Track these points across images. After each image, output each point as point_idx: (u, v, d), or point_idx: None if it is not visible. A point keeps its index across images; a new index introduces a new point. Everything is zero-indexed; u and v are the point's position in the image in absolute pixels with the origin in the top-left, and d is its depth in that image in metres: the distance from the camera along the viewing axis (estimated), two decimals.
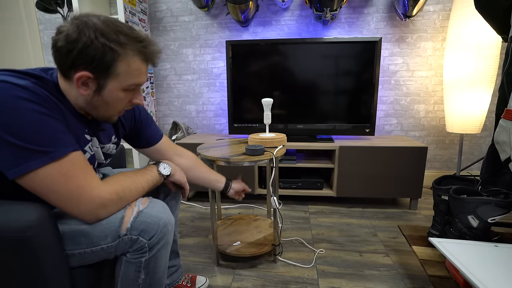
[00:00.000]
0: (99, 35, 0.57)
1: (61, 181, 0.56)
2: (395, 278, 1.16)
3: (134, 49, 0.61)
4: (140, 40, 0.62)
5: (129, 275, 0.69)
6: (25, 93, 0.54)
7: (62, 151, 0.57)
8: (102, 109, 0.66)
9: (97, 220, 0.62)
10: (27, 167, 0.54)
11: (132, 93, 0.68)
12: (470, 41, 1.67)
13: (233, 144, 1.34)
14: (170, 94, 2.33)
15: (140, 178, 0.71)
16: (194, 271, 1.23)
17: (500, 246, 0.93)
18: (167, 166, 0.81)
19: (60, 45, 0.57)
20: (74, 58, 0.57)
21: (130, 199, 0.67)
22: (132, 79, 0.64)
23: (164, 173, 0.78)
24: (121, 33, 0.59)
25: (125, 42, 0.60)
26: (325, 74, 1.84)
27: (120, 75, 0.61)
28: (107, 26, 0.58)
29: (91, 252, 0.64)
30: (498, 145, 0.95)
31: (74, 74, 0.59)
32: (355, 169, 1.77)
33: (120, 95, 0.65)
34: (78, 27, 0.57)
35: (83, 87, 0.61)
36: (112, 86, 0.62)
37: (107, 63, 0.59)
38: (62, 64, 0.59)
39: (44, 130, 0.55)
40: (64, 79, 0.62)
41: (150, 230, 0.65)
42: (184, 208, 1.88)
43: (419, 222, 1.63)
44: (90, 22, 0.57)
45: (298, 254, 1.34)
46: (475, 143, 2.12)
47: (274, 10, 2.08)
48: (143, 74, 0.66)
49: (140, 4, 2.06)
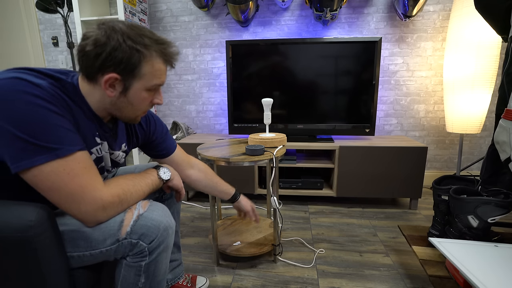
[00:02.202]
0: (126, 38, 0.60)
1: (65, 179, 0.56)
2: (395, 278, 1.16)
3: (157, 51, 0.65)
4: (162, 42, 0.66)
5: (129, 279, 0.68)
6: (37, 91, 0.55)
7: (68, 149, 0.57)
8: (126, 110, 0.69)
9: (96, 223, 0.62)
10: (31, 162, 0.54)
11: (153, 93, 0.70)
12: (470, 41, 1.67)
13: (233, 144, 1.34)
14: (170, 94, 2.33)
15: (141, 182, 0.71)
16: (194, 271, 1.23)
17: (500, 246, 0.93)
18: (167, 170, 0.81)
19: (88, 49, 0.59)
20: (103, 61, 0.60)
21: (131, 203, 0.66)
22: (155, 79, 0.67)
23: (164, 178, 0.78)
24: (145, 36, 0.63)
25: (149, 44, 0.63)
26: (325, 74, 1.84)
27: (145, 76, 0.65)
28: (132, 30, 0.62)
29: (90, 255, 0.64)
30: (498, 145, 0.95)
31: (101, 76, 0.62)
32: (355, 169, 1.77)
33: (144, 95, 0.68)
34: (106, 32, 0.60)
35: (110, 89, 0.64)
36: (137, 87, 0.65)
37: (133, 65, 0.62)
38: (90, 68, 0.61)
39: (52, 127, 0.55)
40: (88, 82, 0.64)
41: (150, 234, 0.65)
42: (184, 208, 1.88)
43: (419, 222, 1.63)
44: (117, 27, 0.61)
45: (298, 254, 1.34)
46: (475, 143, 2.12)
47: (274, 10, 2.08)
48: (164, 75, 0.69)
49: (140, 4, 2.06)
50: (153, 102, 0.72)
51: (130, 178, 0.69)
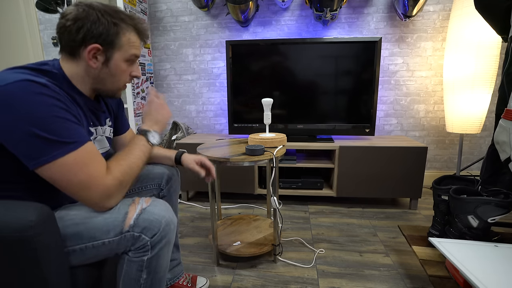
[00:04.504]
0: (104, 13, 0.67)
1: (76, 168, 0.60)
2: (395, 278, 1.16)
3: (132, 25, 0.72)
4: (134, 18, 0.74)
5: (131, 275, 0.69)
6: (45, 90, 0.59)
7: (81, 142, 0.62)
8: (109, 82, 0.74)
9: (107, 208, 0.66)
10: (50, 158, 0.58)
11: (131, 65, 0.77)
12: (470, 41, 1.67)
13: (233, 144, 1.34)
14: (170, 94, 2.33)
15: (133, 156, 0.72)
16: (194, 271, 1.23)
17: (500, 246, 0.93)
18: (155, 133, 0.79)
19: (69, 24, 0.65)
20: (85, 33, 0.66)
21: (131, 181, 0.70)
22: (132, 50, 0.73)
23: (154, 142, 0.78)
24: (120, 12, 0.71)
25: (124, 18, 0.71)
26: (325, 74, 1.84)
27: (123, 47, 0.71)
28: (107, 7, 0.70)
29: (92, 247, 0.65)
30: (498, 145, 0.95)
31: (84, 49, 0.67)
32: (355, 169, 1.77)
33: (123, 66, 0.74)
34: (84, 9, 0.66)
35: (93, 59, 0.69)
36: (117, 57, 0.71)
37: (112, 36, 0.69)
38: (72, 42, 0.67)
39: (64, 123, 0.60)
40: (71, 59, 0.69)
41: (152, 228, 0.66)
42: (184, 208, 1.88)
43: (419, 222, 1.63)
44: (94, 5, 0.68)
45: (298, 254, 1.34)
46: (475, 143, 2.12)
47: (274, 10, 2.08)
48: (139, 47, 0.77)
49: (140, 4, 2.06)
50: (131, 74, 0.77)
51: (123, 157, 0.71)
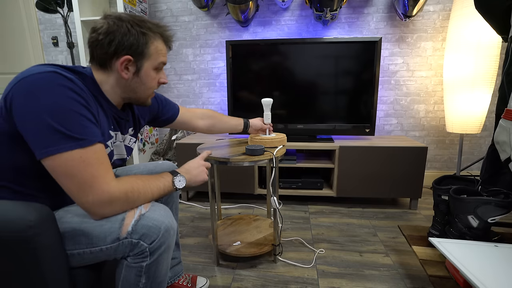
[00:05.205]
0: (133, 24, 0.70)
1: (80, 166, 0.59)
2: (395, 278, 1.16)
3: (159, 33, 0.75)
4: (160, 26, 0.76)
5: (130, 279, 0.68)
6: (70, 84, 0.61)
7: (90, 140, 0.61)
8: (139, 90, 0.77)
9: (101, 216, 0.63)
10: (57, 150, 0.58)
11: (159, 72, 0.79)
12: (470, 41, 1.67)
13: (233, 144, 1.34)
14: (170, 94, 2.33)
15: (152, 184, 0.71)
16: (194, 271, 1.23)
17: (500, 246, 0.93)
18: (183, 179, 0.79)
19: (101, 38, 0.67)
20: (116, 46, 0.68)
21: (137, 202, 0.67)
22: (160, 57, 0.76)
23: (178, 186, 0.77)
24: (146, 21, 0.73)
25: (151, 27, 0.73)
26: (325, 74, 1.84)
27: (152, 56, 0.74)
28: (135, 17, 0.72)
29: (90, 253, 0.64)
30: (498, 145, 0.95)
31: (116, 61, 0.70)
32: (355, 169, 1.77)
33: (153, 74, 0.76)
34: (114, 22, 0.68)
35: (125, 71, 0.71)
36: (147, 66, 0.74)
37: (142, 46, 0.71)
38: (104, 55, 0.69)
39: (79, 118, 0.60)
40: (102, 71, 0.71)
41: (151, 234, 0.65)
42: (184, 208, 1.88)
43: (419, 222, 1.63)
44: (122, 16, 0.70)
45: (298, 254, 1.34)
46: (475, 143, 2.12)
47: (274, 10, 2.08)
48: (166, 54, 0.79)
49: (140, 4, 2.06)
50: (159, 81, 0.80)
51: (143, 179, 0.70)
